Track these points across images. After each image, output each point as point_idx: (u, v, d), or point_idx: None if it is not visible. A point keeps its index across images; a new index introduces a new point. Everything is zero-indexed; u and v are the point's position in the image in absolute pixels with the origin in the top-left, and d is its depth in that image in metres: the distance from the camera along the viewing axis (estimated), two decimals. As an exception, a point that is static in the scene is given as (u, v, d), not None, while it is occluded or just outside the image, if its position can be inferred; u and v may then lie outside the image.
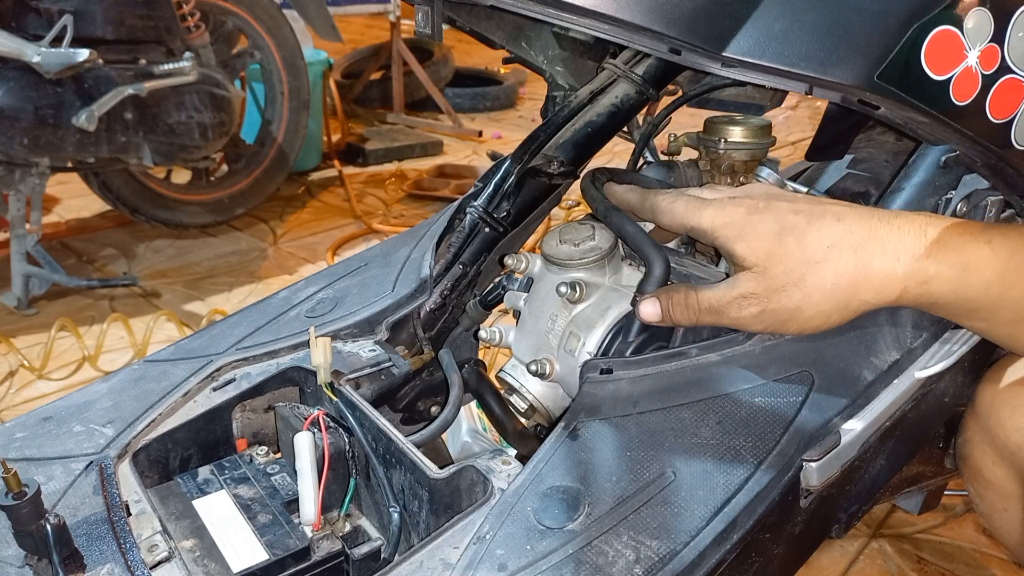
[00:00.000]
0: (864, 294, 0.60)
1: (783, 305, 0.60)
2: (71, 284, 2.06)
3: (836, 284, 0.59)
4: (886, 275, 0.59)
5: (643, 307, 0.67)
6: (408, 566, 0.52)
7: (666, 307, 0.66)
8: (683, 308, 0.65)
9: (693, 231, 0.66)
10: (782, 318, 0.61)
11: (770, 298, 0.61)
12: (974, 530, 1.30)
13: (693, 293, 0.64)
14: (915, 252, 0.59)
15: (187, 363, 0.74)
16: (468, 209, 0.85)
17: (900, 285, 0.59)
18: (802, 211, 0.62)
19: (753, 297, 0.61)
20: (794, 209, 0.62)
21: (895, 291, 0.60)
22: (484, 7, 0.81)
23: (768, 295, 0.61)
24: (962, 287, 0.59)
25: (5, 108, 1.80)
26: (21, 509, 0.50)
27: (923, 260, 0.58)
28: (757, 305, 0.61)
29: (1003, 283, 0.58)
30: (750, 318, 0.62)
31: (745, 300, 0.61)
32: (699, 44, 0.62)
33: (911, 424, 0.70)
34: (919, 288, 0.59)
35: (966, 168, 0.73)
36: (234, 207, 2.63)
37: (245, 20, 2.52)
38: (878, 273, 0.59)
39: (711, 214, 0.64)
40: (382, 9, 6.35)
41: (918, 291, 0.59)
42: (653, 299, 0.67)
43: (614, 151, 2.85)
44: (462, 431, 1.08)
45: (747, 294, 0.61)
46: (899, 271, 0.59)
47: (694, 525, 0.54)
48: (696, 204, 0.65)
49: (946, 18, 0.63)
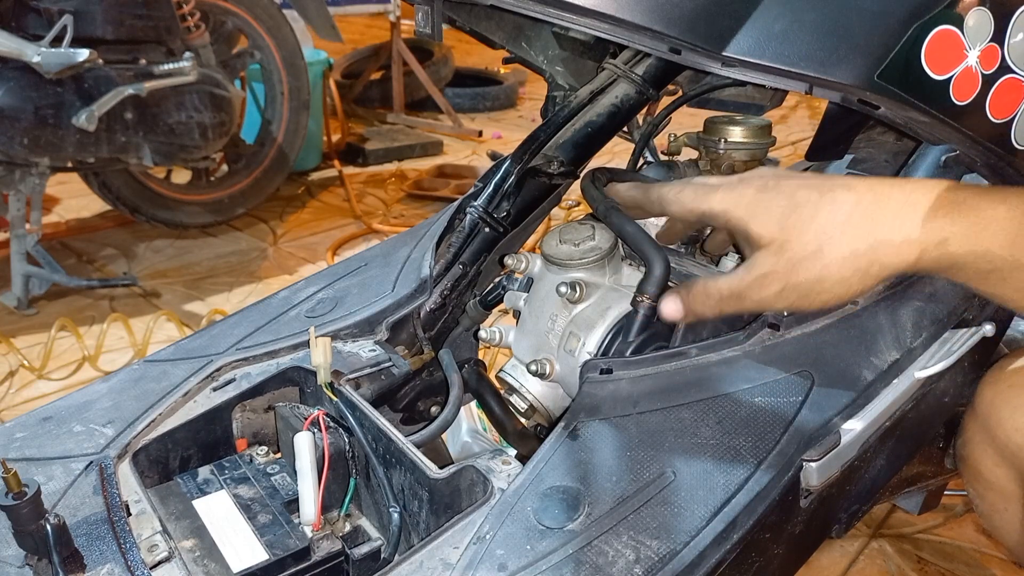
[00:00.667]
0: (883, 258, 0.60)
1: (804, 278, 0.60)
2: (71, 284, 2.06)
3: (854, 251, 0.59)
4: (903, 238, 0.59)
5: (665, 306, 0.67)
6: (408, 566, 0.52)
7: (687, 302, 0.65)
8: (703, 299, 0.64)
9: (704, 217, 0.65)
10: (804, 291, 0.61)
11: (790, 273, 0.60)
12: (974, 530, 1.30)
13: (712, 283, 0.64)
14: (930, 212, 0.58)
15: (187, 363, 0.74)
16: (468, 209, 0.85)
17: (918, 247, 0.59)
18: (813, 185, 0.62)
19: (773, 275, 0.61)
20: (804, 184, 0.62)
21: (913, 253, 0.59)
22: (484, 7, 0.81)
23: (788, 270, 0.60)
24: (979, 246, 0.58)
25: (5, 108, 1.80)
26: (21, 509, 0.50)
27: (939, 219, 0.58)
28: (778, 282, 0.61)
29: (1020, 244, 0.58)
30: (773, 296, 0.62)
31: (766, 279, 0.61)
32: (699, 44, 0.62)
33: (911, 424, 0.70)
34: (937, 250, 0.59)
35: (966, 168, 0.73)
36: (234, 207, 2.63)
37: (245, 20, 2.52)
38: (895, 236, 0.59)
39: (721, 197, 0.63)
40: (382, 9, 6.34)
41: (936, 252, 0.59)
42: (673, 296, 0.66)
43: (614, 151, 2.85)
44: (462, 431, 1.08)
45: (767, 272, 0.61)
46: (915, 233, 0.59)
47: (694, 525, 0.54)
48: (705, 190, 0.65)
49: (946, 18, 0.63)
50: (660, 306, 0.67)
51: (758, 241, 0.61)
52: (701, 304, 0.65)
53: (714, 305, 0.64)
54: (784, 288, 0.61)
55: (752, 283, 0.62)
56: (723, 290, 0.63)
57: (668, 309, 0.66)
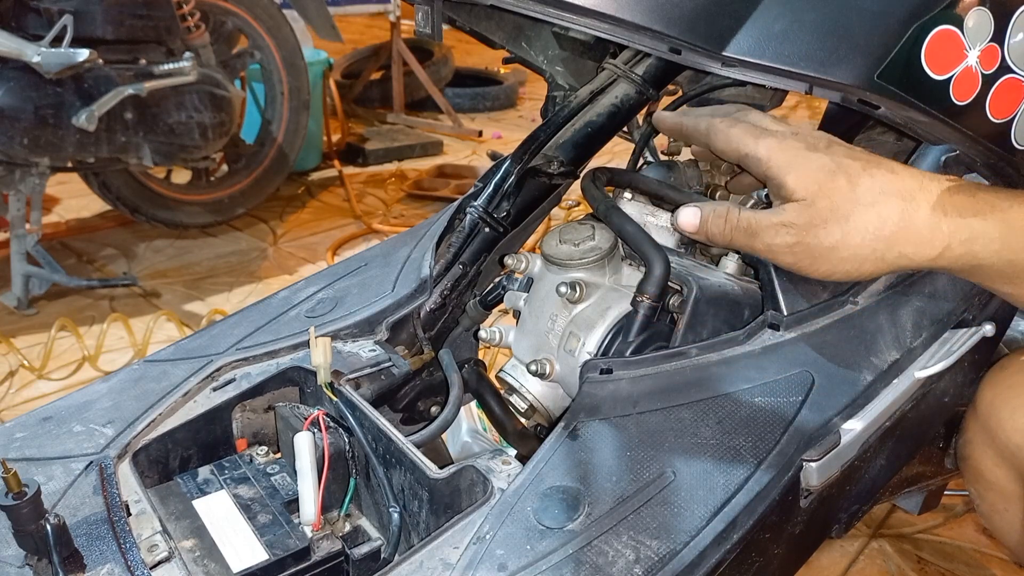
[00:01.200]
0: (905, 246, 0.60)
1: (820, 241, 0.61)
2: (71, 284, 2.06)
3: (879, 230, 0.60)
4: (931, 229, 0.59)
5: (683, 213, 0.67)
6: (408, 566, 0.52)
7: (705, 217, 0.66)
8: (721, 221, 0.65)
9: (747, 159, 0.65)
10: (815, 254, 0.61)
11: (809, 231, 0.61)
12: (974, 530, 1.30)
13: (735, 210, 0.64)
14: (962, 209, 0.59)
15: (187, 363, 0.74)
16: (468, 209, 0.85)
17: (944, 241, 0.59)
18: (859, 157, 0.62)
19: (793, 227, 0.61)
20: (851, 154, 0.62)
21: (937, 247, 0.59)
22: (484, 7, 0.81)
23: (808, 228, 0.61)
24: (1006, 248, 0.58)
25: (5, 108, 1.80)
26: (21, 509, 0.50)
27: (970, 217, 0.58)
28: (794, 235, 0.61)
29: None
30: (783, 247, 0.62)
31: (784, 228, 0.61)
32: (699, 44, 0.62)
33: (911, 424, 0.70)
34: (962, 247, 0.59)
35: (966, 168, 0.73)
36: (234, 207, 2.63)
37: (245, 20, 2.52)
38: (924, 226, 0.59)
39: (769, 143, 0.63)
40: (382, 9, 6.34)
41: (961, 250, 0.59)
42: (693, 209, 0.67)
43: (614, 151, 2.84)
44: (462, 431, 1.08)
45: (788, 222, 0.61)
46: (944, 227, 0.59)
47: (694, 525, 0.54)
48: (755, 132, 0.65)
49: (946, 18, 0.63)
50: (678, 214, 0.67)
51: (791, 194, 0.61)
52: (716, 225, 0.65)
53: (727, 232, 0.64)
54: (797, 243, 0.61)
55: (770, 226, 0.62)
56: (743, 221, 0.64)
57: (685, 218, 0.67)
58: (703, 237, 0.67)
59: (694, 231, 0.67)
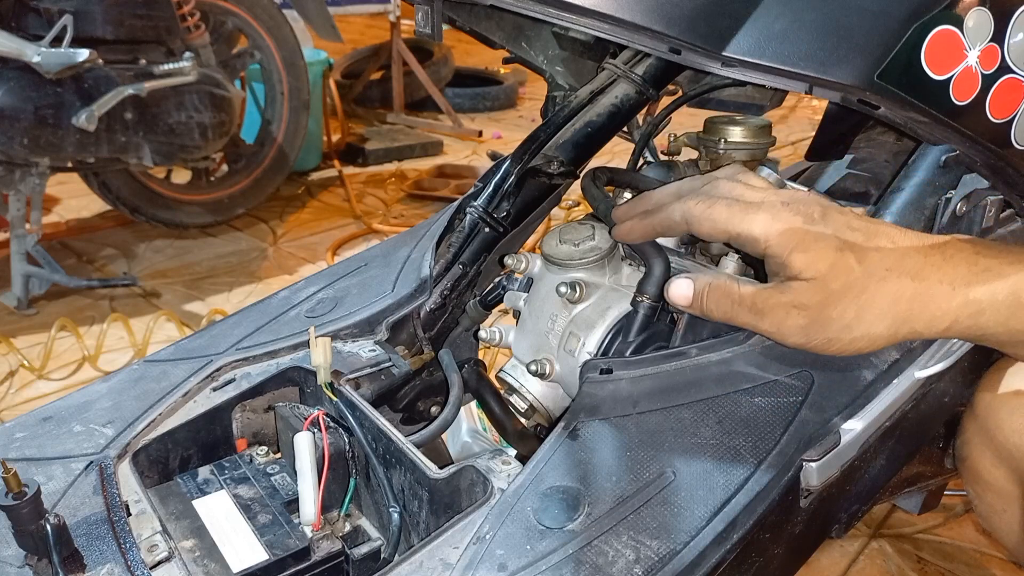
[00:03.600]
0: (916, 323, 0.58)
1: (834, 321, 0.57)
2: (71, 284, 2.06)
3: (895, 307, 0.57)
4: (940, 306, 0.57)
5: (675, 286, 0.62)
6: (408, 566, 0.52)
7: (701, 292, 0.61)
8: (721, 298, 0.60)
9: (739, 239, 0.59)
10: (829, 335, 0.58)
11: (822, 311, 0.57)
12: (974, 530, 1.30)
13: (734, 286, 0.60)
14: (967, 281, 0.57)
15: (187, 363, 0.74)
16: (468, 209, 0.85)
17: (952, 316, 0.58)
18: (858, 228, 0.59)
19: (804, 308, 0.57)
20: (849, 224, 0.59)
21: (946, 322, 0.58)
22: (484, 7, 0.81)
23: (821, 308, 0.57)
24: (1013, 318, 0.57)
25: (5, 108, 1.80)
26: (21, 509, 0.50)
27: (976, 289, 0.57)
28: (806, 317, 0.58)
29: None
30: (794, 329, 0.58)
31: (795, 309, 0.58)
32: (699, 44, 0.62)
33: (911, 424, 0.70)
34: (970, 320, 0.58)
35: (966, 168, 0.73)
36: (234, 207, 2.63)
37: (245, 20, 2.52)
38: (933, 303, 0.57)
39: (762, 220, 0.58)
40: (382, 9, 6.34)
41: (968, 323, 0.58)
42: (687, 281, 0.62)
43: (614, 151, 2.84)
44: (462, 431, 1.08)
45: (799, 303, 0.57)
46: (954, 303, 0.57)
47: (694, 525, 0.54)
48: (740, 208, 0.59)
49: (946, 18, 0.63)
50: (670, 286, 0.63)
51: (798, 273, 0.57)
52: (715, 302, 0.61)
53: (727, 309, 0.60)
54: (810, 324, 0.58)
55: (778, 306, 0.58)
56: (745, 298, 0.59)
57: (677, 291, 0.62)
58: (697, 312, 0.62)
59: (687, 305, 0.62)
